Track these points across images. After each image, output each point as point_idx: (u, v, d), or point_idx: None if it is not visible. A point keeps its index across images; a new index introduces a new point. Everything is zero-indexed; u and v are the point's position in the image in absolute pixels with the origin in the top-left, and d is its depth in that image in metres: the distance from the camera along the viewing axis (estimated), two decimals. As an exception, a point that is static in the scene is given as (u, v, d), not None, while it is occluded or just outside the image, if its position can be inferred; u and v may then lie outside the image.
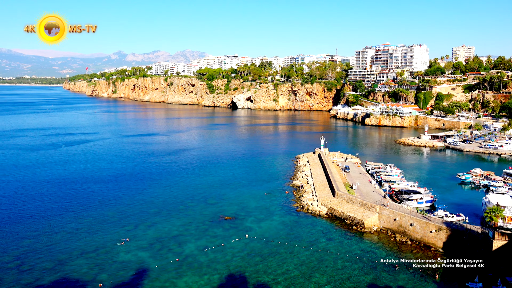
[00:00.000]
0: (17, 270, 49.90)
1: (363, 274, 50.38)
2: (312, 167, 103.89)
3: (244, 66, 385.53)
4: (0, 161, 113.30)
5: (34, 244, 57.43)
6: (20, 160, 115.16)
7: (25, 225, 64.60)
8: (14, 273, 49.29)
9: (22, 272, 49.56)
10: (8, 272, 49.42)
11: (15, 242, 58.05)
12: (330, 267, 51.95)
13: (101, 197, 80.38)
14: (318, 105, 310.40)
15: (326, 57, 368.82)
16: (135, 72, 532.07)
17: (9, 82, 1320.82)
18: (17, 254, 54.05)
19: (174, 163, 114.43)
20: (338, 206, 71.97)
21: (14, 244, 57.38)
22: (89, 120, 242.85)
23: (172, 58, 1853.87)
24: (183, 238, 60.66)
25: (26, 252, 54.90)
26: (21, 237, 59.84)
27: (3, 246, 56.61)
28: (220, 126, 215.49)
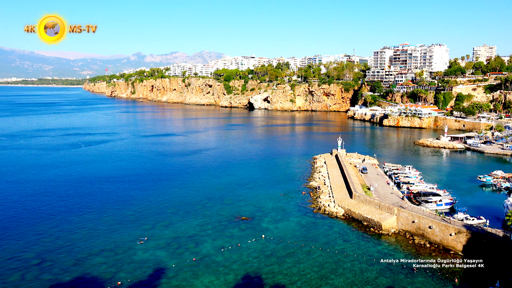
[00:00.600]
0: (39, 267, 51.01)
1: (380, 276, 49.89)
2: (329, 168, 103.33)
3: (261, 66, 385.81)
4: (23, 161, 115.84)
5: (55, 242, 58.61)
6: (41, 160, 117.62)
7: (46, 223, 65.96)
8: (36, 270, 50.40)
9: (43, 269, 50.65)
10: (30, 269, 50.56)
11: (36, 240, 59.34)
12: (347, 269, 51.59)
13: (119, 196, 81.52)
14: (335, 106, 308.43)
15: (343, 57, 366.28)
16: (154, 73, 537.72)
17: (31, 83, 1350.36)
18: (38, 252, 55.25)
19: (191, 163, 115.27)
20: (355, 208, 71.41)
21: (35, 242, 58.66)
22: (108, 120, 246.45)
23: (189, 59, 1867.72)
24: (200, 238, 61.07)
25: (47, 250, 56.07)
26: (42, 235, 61.14)
27: (25, 243, 57.94)
28: (237, 127, 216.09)
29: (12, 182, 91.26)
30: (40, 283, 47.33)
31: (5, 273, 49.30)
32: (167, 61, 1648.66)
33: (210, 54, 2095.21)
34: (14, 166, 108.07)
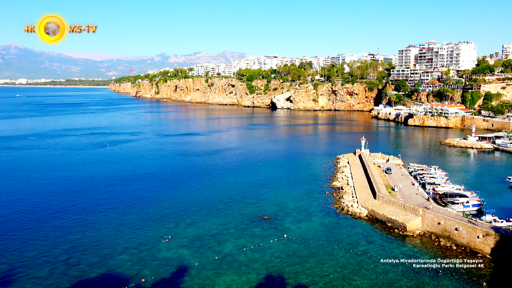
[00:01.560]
0: (66, 263, 52.35)
1: (404, 278, 49.08)
2: (353, 168, 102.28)
3: (283, 66, 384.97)
4: (50, 160, 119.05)
5: (81, 239, 60.02)
6: (68, 159, 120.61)
7: (73, 221, 67.60)
8: (63, 265, 51.74)
9: (70, 265, 51.95)
10: (57, 265, 51.94)
11: (64, 236, 60.91)
12: (370, 271, 50.97)
13: (143, 195, 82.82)
14: (359, 105, 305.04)
15: (367, 56, 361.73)
16: (177, 74, 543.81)
17: (59, 84, 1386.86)
18: (66, 248, 56.70)
19: (213, 163, 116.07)
20: (379, 208, 70.46)
21: (63, 238, 60.21)
22: (133, 120, 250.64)
23: (212, 59, 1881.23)
24: (223, 237, 61.44)
25: (74, 246, 57.48)
26: (69, 232, 62.70)
27: (53, 240, 59.55)
28: (259, 126, 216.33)
29: (40, 180, 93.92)
30: (68, 279, 48.56)
31: (35, 268, 50.81)
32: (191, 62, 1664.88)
33: (233, 54, 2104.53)
34: (42, 165, 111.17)
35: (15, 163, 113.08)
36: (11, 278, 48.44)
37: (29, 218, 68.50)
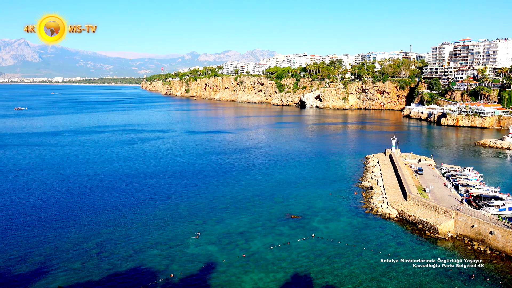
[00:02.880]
0: (98, 257, 53.85)
1: (436, 282, 47.88)
2: (383, 168, 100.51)
3: (313, 64, 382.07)
4: (84, 156, 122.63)
5: (113, 233, 61.57)
6: (100, 155, 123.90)
7: (105, 216, 69.41)
8: (95, 259, 53.24)
9: (102, 258, 53.41)
10: (90, 258, 53.50)
11: (96, 230, 62.65)
12: (400, 273, 49.99)
13: (172, 192, 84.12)
14: (390, 104, 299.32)
15: (399, 54, 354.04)
16: (207, 72, 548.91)
17: (93, 82, 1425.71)
18: (98, 242, 58.31)
19: (241, 160, 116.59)
20: (410, 210, 68.96)
21: (95, 232, 61.94)
22: (163, 118, 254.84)
23: (242, 57, 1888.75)
24: (250, 234, 61.66)
25: (106, 240, 59.04)
26: (101, 226, 64.43)
27: (86, 234, 61.37)
28: (287, 125, 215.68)
29: (73, 176, 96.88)
30: (99, 272, 49.94)
31: (69, 261, 52.49)
32: (220, 60, 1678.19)
33: (262, 53, 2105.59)
34: (75, 161, 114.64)
35: (50, 159, 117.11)
36: (47, 269, 50.25)
37: (62, 212, 70.80)
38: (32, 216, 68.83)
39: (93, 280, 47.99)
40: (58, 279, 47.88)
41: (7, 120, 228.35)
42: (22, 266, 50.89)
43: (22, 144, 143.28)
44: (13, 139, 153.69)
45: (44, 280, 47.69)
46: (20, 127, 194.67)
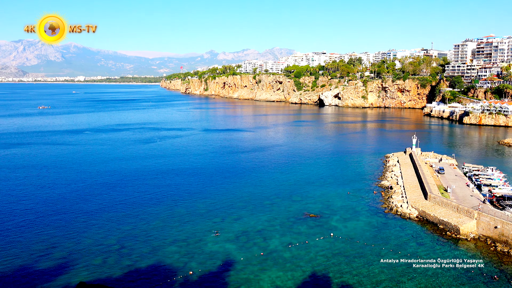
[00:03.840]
0: (118, 253, 54.76)
1: (457, 283, 47.08)
2: (403, 167, 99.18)
3: (332, 62, 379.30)
4: (104, 154, 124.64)
5: (133, 230, 62.49)
6: (121, 153, 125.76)
7: (125, 212, 70.49)
8: (116, 255, 54.16)
9: (122, 254, 54.29)
10: (111, 254, 54.46)
11: (116, 227, 63.70)
12: (419, 273, 49.31)
13: (191, 190, 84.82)
14: (411, 103, 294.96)
15: (420, 51, 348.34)
16: (225, 70, 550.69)
17: (114, 81, 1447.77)
18: (118, 238, 59.29)
19: (259, 159, 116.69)
20: (430, 210, 67.91)
21: (116, 229, 62.99)
22: (182, 116, 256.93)
23: (260, 56, 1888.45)
24: (268, 233, 61.73)
25: (126, 236, 59.98)
26: (121, 223, 65.47)
27: (107, 230, 62.46)
28: (306, 123, 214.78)
29: (94, 173, 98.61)
30: (120, 267, 50.80)
31: (90, 256, 53.55)
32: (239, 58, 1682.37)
33: (281, 51, 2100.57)
34: (97, 158, 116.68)
35: (71, 157, 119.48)
36: (69, 264, 51.38)
37: (84, 209, 72.20)
38: (54, 212, 70.40)
39: (113, 276, 48.84)
40: (80, 274, 48.90)
41: (31, 119, 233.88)
42: (46, 261, 52.14)
43: (45, 141, 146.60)
44: (37, 137, 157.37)
45: (67, 275, 48.77)
46: (44, 125, 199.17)
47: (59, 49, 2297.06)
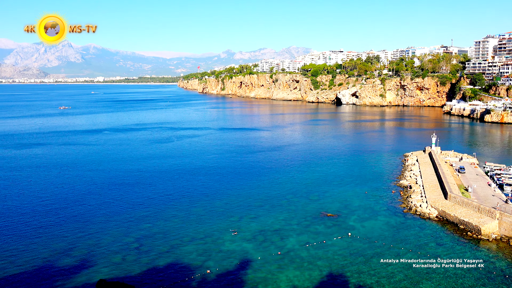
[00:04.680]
0: (137, 251, 55.45)
1: (478, 284, 46.17)
2: (422, 166, 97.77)
3: (349, 61, 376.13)
4: (122, 154, 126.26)
5: (151, 229, 63.18)
6: (138, 153, 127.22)
7: (143, 211, 71.30)
8: (135, 253, 54.86)
9: (141, 253, 54.96)
10: (130, 252, 55.18)
11: (135, 226, 64.50)
12: (439, 274, 48.55)
13: (208, 188, 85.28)
14: (430, 101, 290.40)
15: (439, 48, 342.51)
16: (242, 70, 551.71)
17: (132, 81, 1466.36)
18: (137, 237, 60.03)
19: (276, 158, 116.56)
20: (451, 210, 66.76)
21: (135, 227, 63.78)
22: (199, 116, 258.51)
23: (277, 55, 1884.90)
24: (285, 232, 61.63)
25: (145, 235, 60.68)
26: (140, 221, 66.26)
27: (126, 229, 63.30)
28: (323, 122, 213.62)
29: (113, 172, 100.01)
30: (139, 266, 51.43)
31: (109, 254, 54.36)
32: (256, 58, 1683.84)
33: (298, 50, 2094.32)
34: (115, 158, 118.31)
35: (91, 156, 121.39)
36: (89, 262, 52.26)
37: (103, 207, 73.29)
38: (75, 210, 71.69)
39: (132, 273, 49.47)
40: (100, 271, 49.68)
41: (52, 119, 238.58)
42: (67, 259, 53.14)
43: (66, 141, 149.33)
44: (58, 137, 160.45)
45: (87, 272, 49.61)
46: (64, 125, 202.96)
47: (79, 50, 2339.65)
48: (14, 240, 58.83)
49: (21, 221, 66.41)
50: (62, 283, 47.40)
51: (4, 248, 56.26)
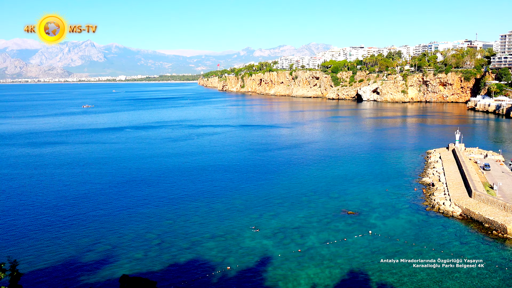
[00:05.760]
0: (159, 247, 56.21)
1: (504, 285, 45.08)
2: (445, 163, 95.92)
3: (370, 57, 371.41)
4: (143, 151, 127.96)
5: (172, 225, 63.92)
6: (159, 150, 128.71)
7: (164, 208, 72.17)
8: (156, 249, 55.63)
9: (162, 249, 55.69)
10: (152, 248, 55.99)
11: (157, 222, 65.37)
12: (463, 274, 47.60)
13: (229, 185, 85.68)
14: (453, 97, 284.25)
15: (463, 43, 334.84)
16: (262, 67, 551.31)
17: (153, 79, 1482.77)
18: (158, 233, 60.84)
19: (296, 155, 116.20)
20: (475, 208, 65.33)
21: (156, 224, 64.66)
22: (219, 113, 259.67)
23: (297, 51, 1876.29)
24: (305, 229, 61.45)
25: (166, 231, 61.44)
26: (162, 218, 67.11)
27: (148, 225, 64.23)
28: (343, 119, 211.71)
29: (134, 169, 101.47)
30: (160, 261, 52.15)
31: (132, 250, 55.28)
32: (275, 55, 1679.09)
33: (318, 46, 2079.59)
34: (137, 155, 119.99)
35: (113, 153, 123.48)
36: (112, 258, 53.28)
37: (125, 204, 74.47)
38: (97, 206, 73.09)
39: (154, 269, 50.18)
40: (123, 267, 50.57)
41: (76, 117, 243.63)
42: (91, 254, 54.30)
43: (88, 138, 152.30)
44: (81, 135, 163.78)
45: (110, 268, 50.58)
46: (87, 123, 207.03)
47: (101, 50, 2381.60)
48: (40, 235, 60.45)
49: (47, 217, 68.14)
50: (87, 277, 48.49)
51: (31, 243, 57.88)
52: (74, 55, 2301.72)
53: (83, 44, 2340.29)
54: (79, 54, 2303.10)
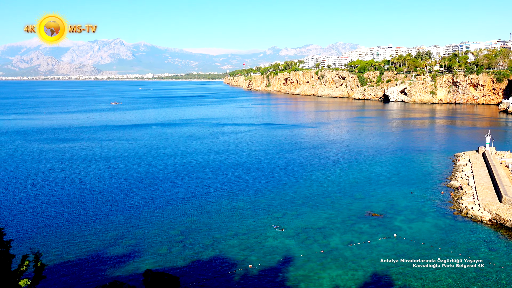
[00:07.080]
0: (182, 244, 56.86)
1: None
2: (474, 167, 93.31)
3: (398, 57, 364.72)
4: (169, 148, 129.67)
5: (196, 222, 64.55)
6: (184, 148, 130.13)
7: (188, 205, 72.92)
8: (180, 246, 56.29)
9: (186, 245, 56.31)
10: (175, 244, 56.69)
11: (180, 218, 66.14)
12: (491, 281, 46.23)
13: (252, 184, 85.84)
14: (484, 98, 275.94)
15: (496, 43, 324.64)
16: (288, 66, 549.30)
17: (180, 78, 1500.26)
18: (182, 230, 61.54)
19: (320, 155, 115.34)
20: (506, 213, 63.29)
21: (180, 220, 65.41)
22: (244, 112, 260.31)
23: (323, 51, 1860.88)
24: (328, 230, 60.96)
25: (189, 228, 62.10)
26: (185, 215, 67.84)
27: (172, 221, 65.06)
28: (369, 120, 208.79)
29: (160, 165, 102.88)
30: (183, 257, 52.76)
31: (156, 246, 56.13)
32: (301, 54, 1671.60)
33: (344, 46, 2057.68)
34: (162, 152, 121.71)
35: (139, 150, 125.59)
36: (137, 252, 54.25)
37: (150, 200, 75.62)
38: (123, 202, 74.54)
39: (177, 265, 50.82)
40: (147, 262, 51.43)
41: (104, 114, 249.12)
42: (116, 248, 55.44)
43: (116, 135, 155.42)
44: (109, 131, 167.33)
45: (135, 262, 51.53)
46: (115, 120, 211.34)
47: (130, 48, 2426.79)
48: (67, 229, 62.10)
49: (74, 210, 69.95)
50: (112, 271, 49.53)
51: (59, 236, 59.54)
52: (104, 53, 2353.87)
53: (113, 42, 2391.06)
54: (109, 52, 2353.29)
